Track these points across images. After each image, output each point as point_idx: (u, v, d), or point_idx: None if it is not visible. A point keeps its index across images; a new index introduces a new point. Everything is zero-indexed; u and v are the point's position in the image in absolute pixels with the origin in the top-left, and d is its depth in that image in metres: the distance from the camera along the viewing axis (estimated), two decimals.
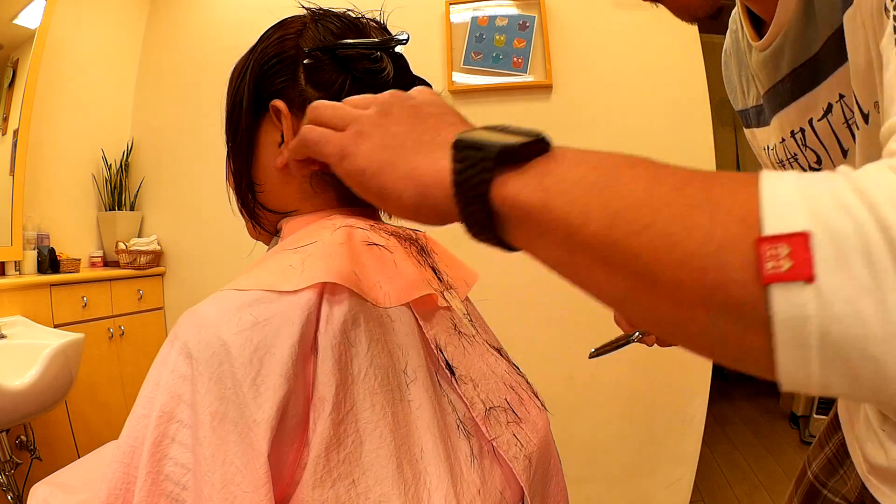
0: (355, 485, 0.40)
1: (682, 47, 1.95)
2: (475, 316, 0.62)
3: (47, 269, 1.85)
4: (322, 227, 0.52)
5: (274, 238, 0.60)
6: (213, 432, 0.38)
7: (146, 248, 2.19)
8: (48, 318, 1.73)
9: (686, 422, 1.93)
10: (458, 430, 0.47)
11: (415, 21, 2.02)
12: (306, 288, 0.44)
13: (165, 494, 0.39)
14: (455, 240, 0.51)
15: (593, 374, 1.95)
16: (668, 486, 1.95)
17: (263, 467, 0.37)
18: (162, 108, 2.33)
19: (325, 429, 0.40)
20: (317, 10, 0.57)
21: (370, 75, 0.54)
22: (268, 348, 0.40)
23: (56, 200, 2.07)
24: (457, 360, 0.51)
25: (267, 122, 0.55)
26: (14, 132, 1.84)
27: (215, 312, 0.42)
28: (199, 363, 0.39)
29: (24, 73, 1.85)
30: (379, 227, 0.55)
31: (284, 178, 0.55)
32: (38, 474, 1.56)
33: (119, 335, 2.00)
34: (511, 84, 2.01)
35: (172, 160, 2.31)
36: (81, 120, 2.17)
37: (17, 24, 1.86)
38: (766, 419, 3.06)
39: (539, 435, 0.54)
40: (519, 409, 0.53)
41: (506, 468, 0.48)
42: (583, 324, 1.97)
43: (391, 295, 0.48)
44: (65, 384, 1.50)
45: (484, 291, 0.85)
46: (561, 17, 2.02)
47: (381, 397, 0.43)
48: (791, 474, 2.43)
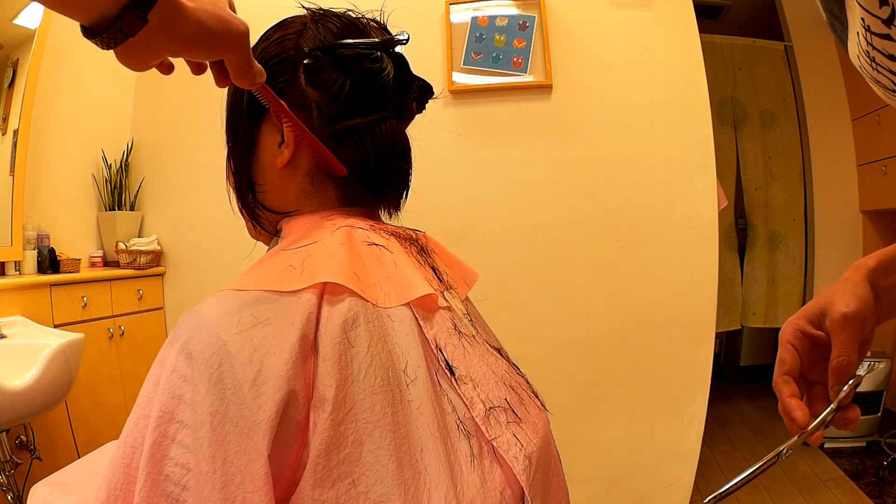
0: (355, 485, 0.40)
1: (682, 47, 1.95)
2: (475, 316, 0.62)
3: (47, 269, 1.85)
4: (322, 227, 0.52)
5: (274, 238, 0.60)
6: (213, 432, 0.38)
7: (146, 248, 2.18)
8: (48, 318, 1.73)
9: (686, 422, 1.93)
10: (458, 430, 0.47)
11: (415, 21, 2.02)
12: (306, 288, 0.44)
13: (165, 494, 0.38)
14: (455, 240, 0.51)
15: (593, 374, 1.95)
16: (668, 486, 1.95)
17: (264, 467, 0.37)
18: (162, 108, 2.33)
19: (325, 429, 0.40)
20: (317, 11, 0.57)
21: (370, 75, 0.54)
22: (268, 348, 0.40)
23: (56, 200, 2.07)
24: (457, 360, 0.51)
25: (267, 122, 0.55)
26: (14, 132, 1.84)
27: (216, 313, 0.42)
28: (199, 363, 0.39)
29: (24, 73, 1.85)
30: (379, 227, 0.55)
31: (285, 178, 0.55)
32: (38, 474, 1.56)
33: (119, 335, 2.00)
34: (511, 84, 2.01)
35: (172, 160, 2.31)
36: (81, 120, 2.17)
37: (17, 24, 1.86)
38: (766, 419, 3.06)
39: (539, 435, 0.54)
40: (519, 409, 0.53)
41: (506, 468, 0.48)
42: (583, 324, 1.97)
43: (391, 295, 0.48)
44: (65, 384, 1.50)
45: (484, 291, 0.86)
46: (561, 17, 2.02)
47: (381, 397, 0.43)
48: (791, 474, 2.43)
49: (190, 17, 0.40)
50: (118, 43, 0.38)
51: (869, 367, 2.56)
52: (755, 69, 3.00)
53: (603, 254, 1.97)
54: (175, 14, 0.38)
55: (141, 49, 0.39)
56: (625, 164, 1.97)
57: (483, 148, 2.04)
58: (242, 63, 0.45)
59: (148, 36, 0.38)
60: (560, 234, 1.99)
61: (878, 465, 2.39)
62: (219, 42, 0.42)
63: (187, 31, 0.40)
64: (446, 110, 2.04)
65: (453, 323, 0.54)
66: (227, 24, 0.42)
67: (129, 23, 0.37)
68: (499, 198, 2.02)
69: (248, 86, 0.47)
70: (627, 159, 1.97)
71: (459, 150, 2.03)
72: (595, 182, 1.98)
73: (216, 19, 0.41)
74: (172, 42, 0.40)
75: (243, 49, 0.44)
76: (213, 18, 0.41)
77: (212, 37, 0.41)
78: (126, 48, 0.39)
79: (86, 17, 0.37)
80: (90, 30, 0.38)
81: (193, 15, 0.40)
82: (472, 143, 2.04)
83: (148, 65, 0.42)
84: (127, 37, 0.38)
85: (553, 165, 2.00)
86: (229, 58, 0.44)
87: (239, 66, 0.45)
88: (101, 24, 0.37)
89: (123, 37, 0.38)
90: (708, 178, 1.93)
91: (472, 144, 2.04)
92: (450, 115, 2.04)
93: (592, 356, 1.95)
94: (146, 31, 0.38)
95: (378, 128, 0.55)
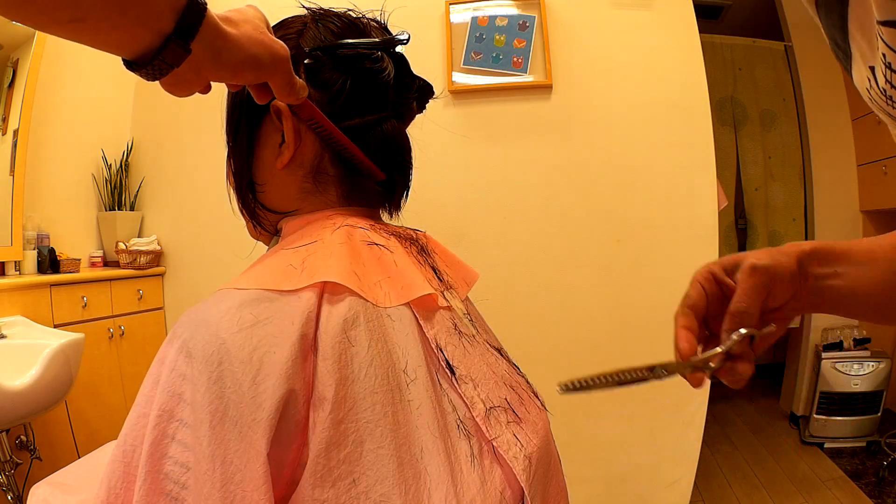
0: (355, 484, 0.40)
1: (682, 47, 1.95)
2: (475, 316, 0.62)
3: (47, 269, 1.85)
4: (322, 226, 0.52)
5: (274, 238, 0.60)
6: (212, 431, 0.38)
7: (146, 248, 2.18)
8: (48, 318, 1.73)
9: (686, 422, 1.93)
10: (459, 429, 0.47)
11: (415, 21, 2.02)
12: (306, 287, 0.44)
13: (165, 493, 0.38)
14: (455, 240, 0.51)
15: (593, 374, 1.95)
16: (668, 486, 1.95)
17: (263, 466, 0.37)
18: (162, 108, 2.33)
19: (324, 428, 0.40)
20: (317, 10, 0.57)
21: (371, 75, 0.54)
22: (268, 347, 0.40)
23: (56, 200, 2.07)
24: (457, 360, 0.51)
25: (267, 122, 0.55)
26: (14, 132, 1.84)
27: (215, 311, 0.42)
28: (198, 362, 0.39)
29: (24, 73, 1.85)
30: (379, 227, 0.55)
31: (285, 178, 0.55)
32: (38, 474, 1.56)
33: (119, 335, 2.00)
34: (511, 84, 2.01)
35: (172, 160, 2.31)
36: (81, 120, 2.17)
37: (18, 24, 1.86)
38: (766, 419, 3.06)
39: (539, 435, 0.54)
40: (519, 408, 0.53)
41: (506, 468, 0.48)
42: (583, 324, 1.97)
43: (391, 294, 0.48)
44: (65, 384, 1.50)
45: (484, 291, 0.85)
46: (561, 17, 2.02)
47: (381, 397, 0.42)
48: (791, 474, 2.43)
49: (234, 44, 0.40)
50: (163, 74, 0.38)
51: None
52: (755, 69, 3.00)
53: (603, 254, 1.97)
54: (219, 42, 0.39)
55: (188, 78, 0.39)
56: (625, 164, 1.97)
57: (483, 148, 2.04)
58: (284, 83, 0.45)
59: (194, 65, 0.38)
60: (560, 234, 1.99)
61: (878, 465, 2.39)
62: (264, 67, 0.42)
63: (233, 59, 0.40)
64: (446, 110, 2.04)
65: (453, 323, 0.54)
66: (271, 49, 0.43)
67: (172, 54, 0.37)
68: (499, 198, 2.02)
69: (292, 102, 0.48)
70: (627, 159, 1.97)
71: (459, 150, 2.03)
72: (595, 182, 1.98)
73: (260, 45, 0.42)
74: (218, 70, 0.40)
75: (288, 72, 0.45)
76: (257, 45, 0.41)
77: (258, 63, 0.42)
78: (173, 78, 0.39)
79: (128, 51, 0.37)
80: (133, 63, 0.37)
81: (237, 42, 0.40)
82: (471, 143, 2.04)
83: (194, 91, 0.42)
84: (171, 67, 0.37)
85: (553, 165, 2.00)
86: (273, 80, 0.45)
87: (281, 87, 0.45)
88: (145, 56, 0.37)
89: (168, 67, 0.37)
90: (708, 178, 1.93)
91: (472, 144, 2.04)
92: (450, 115, 2.04)
93: (593, 356, 1.95)
94: (191, 61, 0.38)
95: (378, 128, 0.55)
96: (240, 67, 0.41)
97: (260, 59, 0.42)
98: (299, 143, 0.53)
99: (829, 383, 2.62)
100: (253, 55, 0.41)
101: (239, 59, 0.40)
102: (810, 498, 2.18)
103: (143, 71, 0.37)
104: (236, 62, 0.40)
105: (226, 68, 0.40)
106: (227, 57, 0.40)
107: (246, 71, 0.42)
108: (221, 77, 0.41)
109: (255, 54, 0.41)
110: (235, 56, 0.40)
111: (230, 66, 0.40)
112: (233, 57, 0.40)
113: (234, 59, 0.40)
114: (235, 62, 0.40)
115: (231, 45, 0.40)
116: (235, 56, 0.40)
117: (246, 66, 0.41)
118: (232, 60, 0.40)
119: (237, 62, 0.41)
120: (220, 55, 0.39)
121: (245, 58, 0.41)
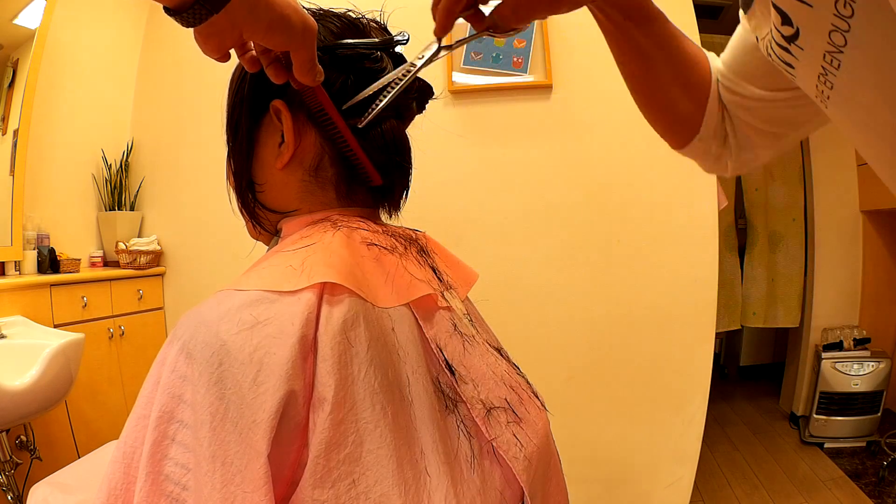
0: (355, 485, 0.40)
1: None
2: (475, 316, 0.62)
3: (47, 269, 1.85)
4: (322, 227, 0.52)
5: (274, 238, 0.60)
6: (212, 432, 0.38)
7: (146, 248, 2.19)
8: (48, 318, 1.73)
9: (686, 422, 1.93)
10: (458, 430, 0.47)
11: (415, 21, 2.01)
12: (306, 288, 0.44)
13: (165, 494, 0.38)
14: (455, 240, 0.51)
15: (593, 374, 1.95)
16: (668, 486, 1.95)
17: (263, 467, 0.37)
18: (162, 108, 2.33)
19: (324, 429, 0.40)
20: (317, 10, 0.57)
21: (370, 75, 0.54)
22: (267, 348, 0.40)
23: (56, 200, 2.07)
24: (457, 361, 0.51)
25: (267, 121, 0.55)
26: (14, 132, 1.84)
27: (215, 312, 0.42)
28: (198, 363, 0.39)
29: (24, 73, 1.85)
30: (379, 228, 0.55)
31: (285, 178, 0.55)
32: (38, 474, 1.56)
33: (119, 335, 2.00)
34: (511, 84, 2.01)
35: (172, 160, 2.31)
36: (81, 120, 2.17)
37: (17, 24, 1.86)
38: (766, 419, 3.06)
39: (539, 435, 0.54)
40: (519, 409, 0.53)
41: (506, 468, 0.48)
42: (583, 324, 1.97)
43: (391, 295, 0.48)
44: (65, 384, 1.50)
45: (484, 291, 0.86)
46: (561, 17, 2.01)
47: (381, 397, 0.43)
48: (791, 474, 2.43)
49: (271, 1, 0.41)
50: (202, 20, 0.39)
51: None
52: None
53: (603, 254, 1.97)
54: None
55: (223, 27, 0.40)
56: (625, 164, 1.97)
57: (483, 148, 2.04)
58: (308, 59, 0.46)
59: (230, 15, 0.39)
60: (560, 234, 1.99)
61: (878, 465, 2.39)
62: (295, 35, 0.44)
63: (269, 16, 0.41)
64: (446, 110, 2.04)
65: (453, 323, 0.54)
66: (304, 18, 0.44)
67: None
68: (499, 198, 2.02)
69: (308, 82, 0.48)
70: (627, 159, 1.97)
71: (459, 150, 2.03)
72: (595, 182, 1.98)
73: (294, 11, 0.43)
74: (254, 22, 0.41)
75: (313, 46, 0.46)
76: (291, 10, 0.43)
77: (290, 26, 0.43)
78: (209, 26, 0.40)
79: None
80: (174, 10, 0.39)
81: (275, 1, 0.41)
82: (471, 143, 2.03)
83: (226, 47, 0.43)
84: (210, 13, 0.38)
85: (553, 165, 2.00)
86: (299, 52, 0.45)
87: (304, 62, 0.46)
88: (186, 1, 0.38)
89: (207, 13, 0.38)
90: (708, 178, 1.93)
91: (472, 144, 2.04)
92: (450, 115, 2.04)
93: (592, 356, 1.95)
94: (228, 10, 0.39)
95: (378, 128, 0.55)
96: (273, 26, 0.42)
97: (293, 23, 0.43)
98: (299, 142, 0.54)
99: (829, 383, 2.62)
100: (287, 17, 0.42)
101: (273, 17, 0.42)
102: (810, 498, 2.19)
103: (182, 16, 0.38)
104: (270, 19, 0.42)
105: (260, 21, 0.41)
106: (262, 10, 0.41)
107: (277, 32, 0.43)
108: (254, 32, 0.42)
109: (289, 17, 0.43)
110: (270, 13, 0.41)
111: (264, 21, 0.41)
112: (268, 13, 0.41)
113: (269, 16, 0.41)
114: (270, 19, 0.42)
115: (267, 2, 0.41)
116: (270, 13, 0.41)
117: (278, 26, 0.42)
118: (267, 16, 0.41)
119: (271, 19, 0.42)
120: (256, 8, 0.40)
121: (279, 17, 0.42)
